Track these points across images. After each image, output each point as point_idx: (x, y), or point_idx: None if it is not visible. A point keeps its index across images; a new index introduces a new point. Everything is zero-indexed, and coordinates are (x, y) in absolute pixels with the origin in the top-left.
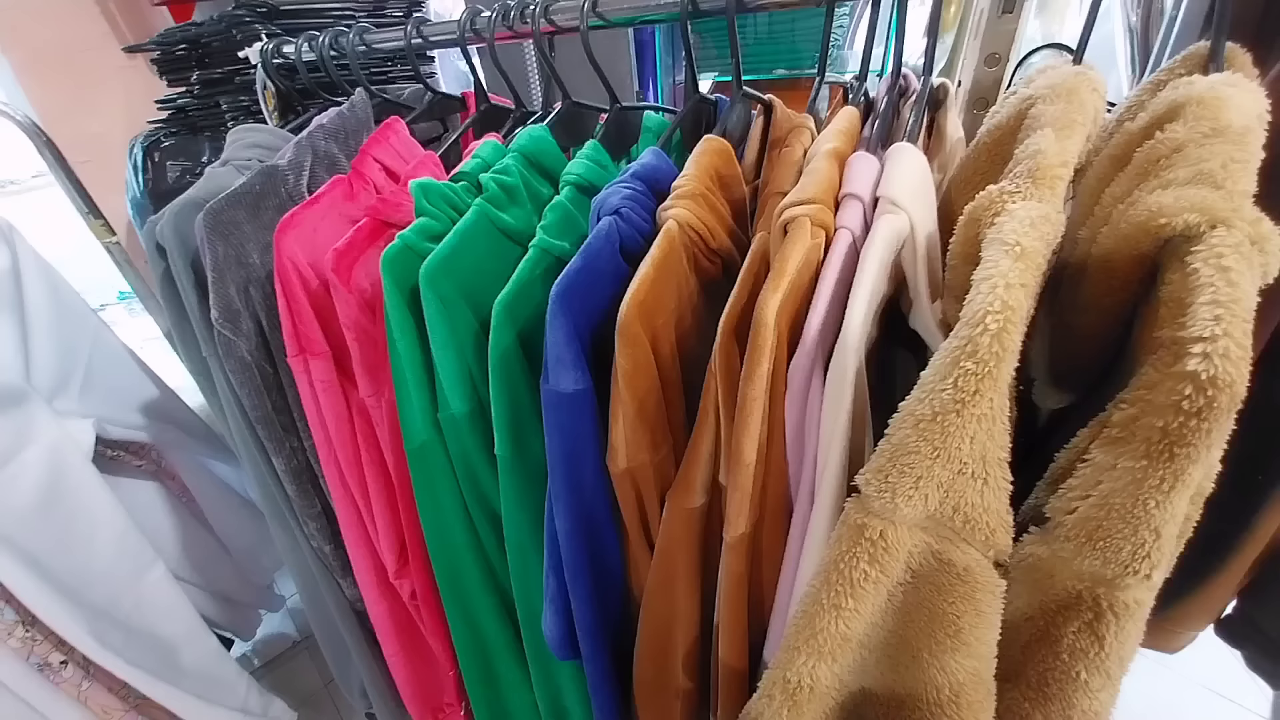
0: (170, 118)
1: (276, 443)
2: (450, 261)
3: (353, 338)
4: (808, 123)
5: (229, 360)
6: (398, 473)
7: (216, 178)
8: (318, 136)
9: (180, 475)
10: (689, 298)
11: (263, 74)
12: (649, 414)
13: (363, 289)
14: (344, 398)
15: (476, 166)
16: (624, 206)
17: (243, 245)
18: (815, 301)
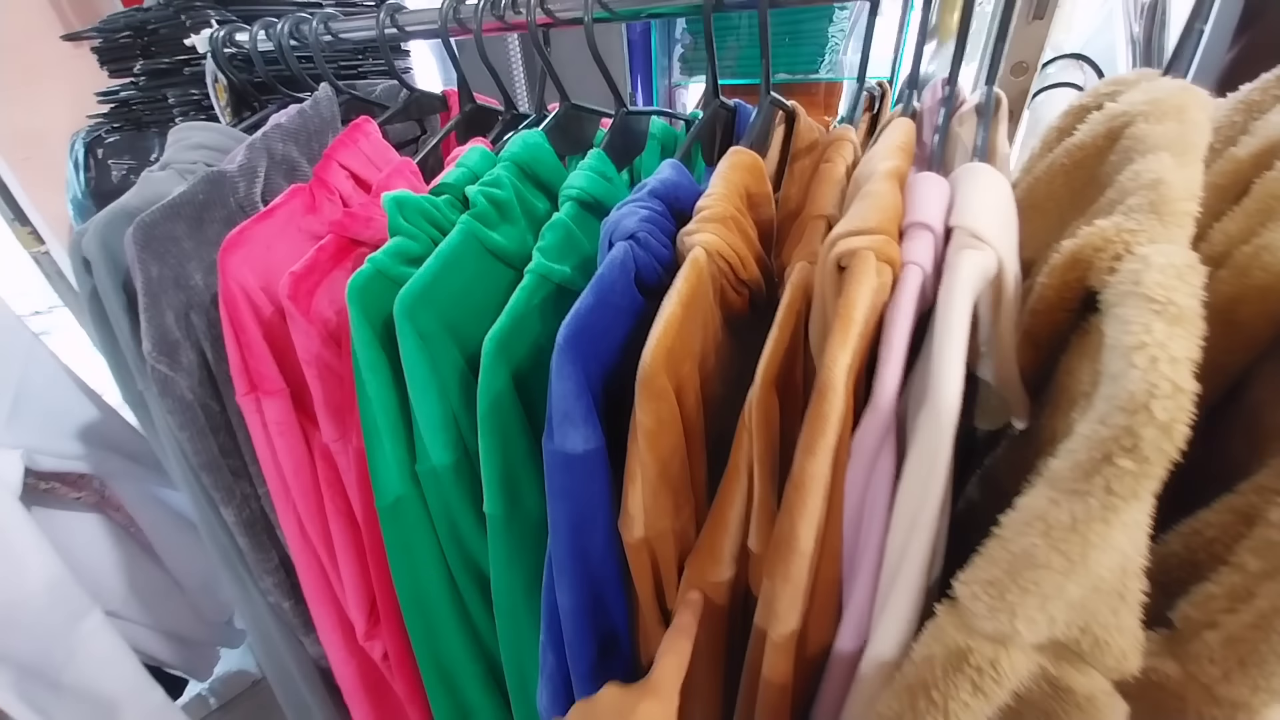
0: (113, 111)
1: (225, 491)
2: (431, 290)
3: (314, 374)
4: (848, 134)
5: (166, 399)
6: (367, 525)
7: (153, 184)
8: (274, 138)
9: (125, 506)
10: (713, 336)
11: (212, 65)
12: (672, 476)
13: (326, 319)
14: (304, 440)
15: (462, 177)
16: (641, 230)
17: (182, 264)
18: (886, 356)
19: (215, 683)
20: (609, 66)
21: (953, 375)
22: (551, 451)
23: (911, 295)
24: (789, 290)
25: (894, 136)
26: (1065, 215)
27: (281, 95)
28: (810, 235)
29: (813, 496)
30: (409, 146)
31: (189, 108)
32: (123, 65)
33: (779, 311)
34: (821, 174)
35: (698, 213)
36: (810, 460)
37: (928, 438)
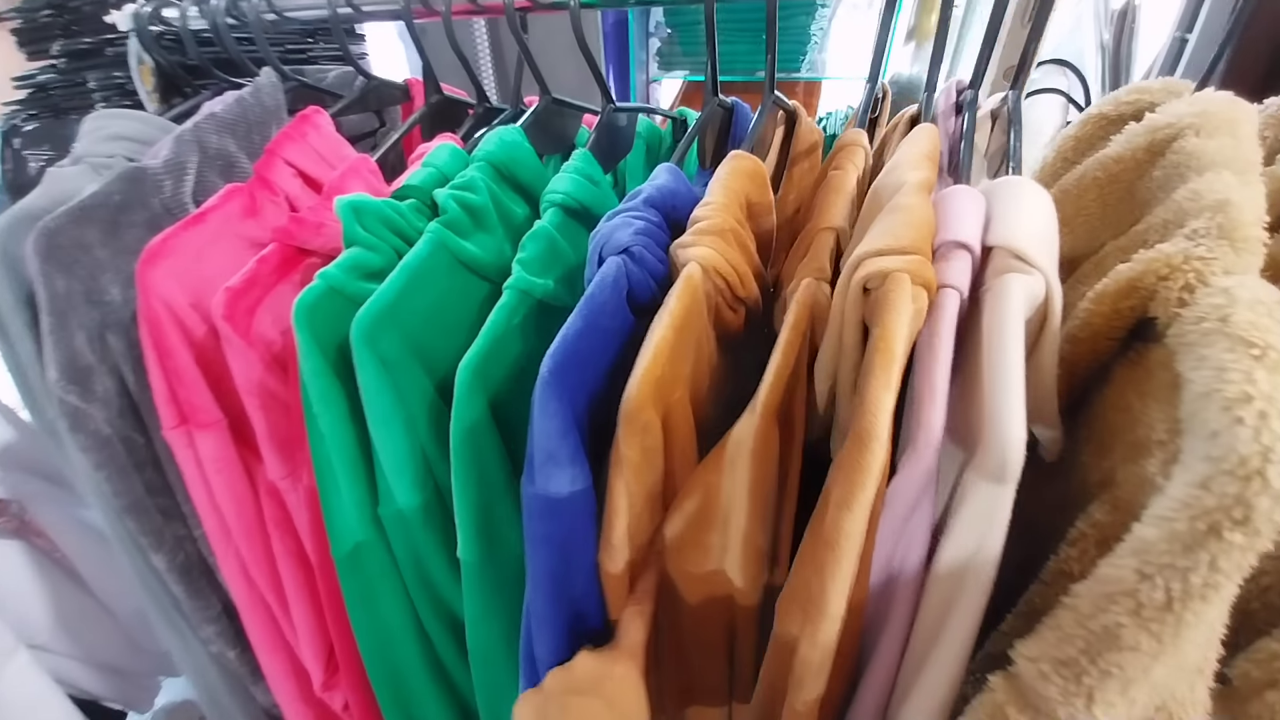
0: (30, 98)
1: (154, 535)
2: (396, 309)
3: (256, 405)
4: (860, 140)
5: (78, 435)
6: (322, 569)
7: (62, 181)
8: (208, 129)
9: (48, 532)
10: (707, 358)
11: (136, 45)
12: (658, 508)
13: (269, 341)
14: (245, 476)
15: (430, 179)
16: (636, 244)
17: (95, 277)
18: (927, 395)
19: (159, 714)
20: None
21: (1014, 424)
22: (533, 495)
23: (951, 325)
24: (794, 310)
25: (919, 144)
26: (1097, 232)
27: (217, 80)
28: (818, 249)
29: (848, 557)
30: (365, 141)
31: (112, 92)
32: (42, 46)
33: (783, 333)
34: (830, 182)
35: (694, 223)
36: (847, 517)
37: (985, 496)
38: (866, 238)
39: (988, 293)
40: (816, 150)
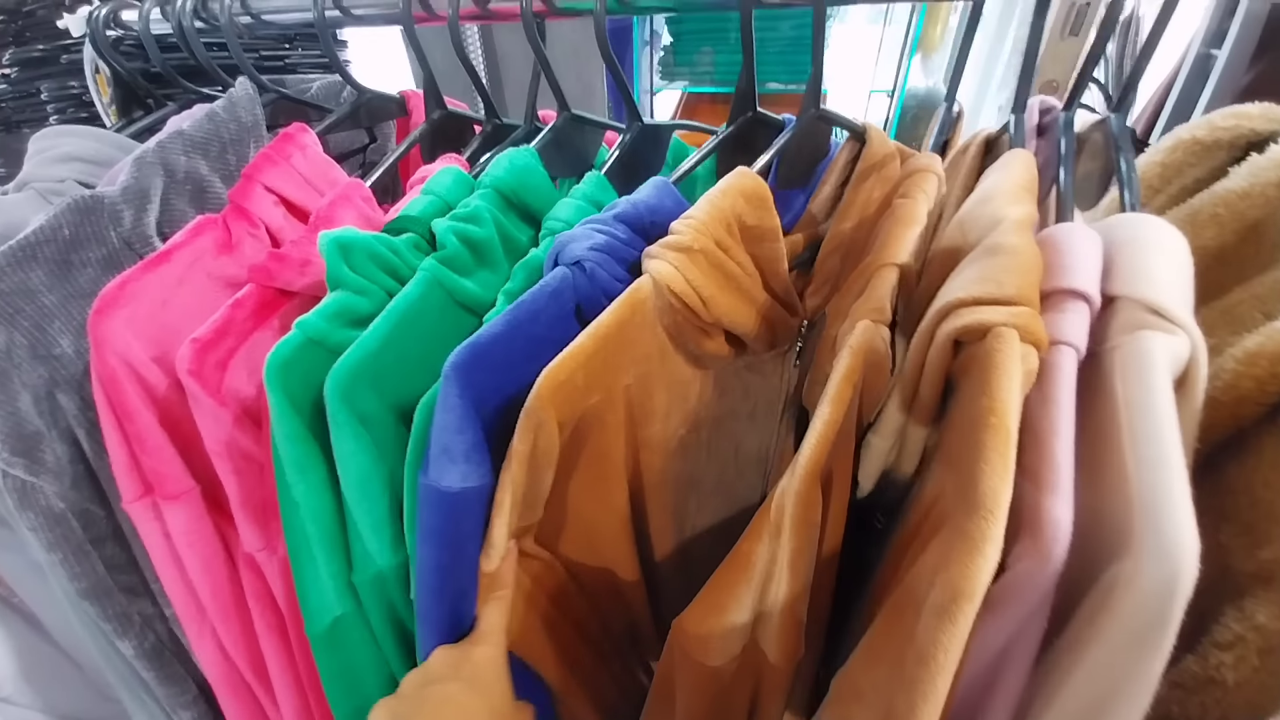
0: None
1: (119, 620)
2: (379, 361)
3: (229, 469)
4: (934, 166)
5: (25, 514)
6: (300, 641)
7: (3, 210)
8: (174, 149)
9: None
10: (669, 378)
11: (92, 51)
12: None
13: (244, 397)
14: (222, 548)
15: (431, 208)
16: (590, 258)
17: (42, 327)
18: (1047, 475)
19: None
20: (585, 69)
21: (1182, 526)
22: (424, 486)
23: (1071, 392)
24: (847, 357)
25: (1015, 173)
26: (1215, 274)
27: (182, 90)
28: (877, 287)
29: (944, 676)
30: (354, 159)
31: (67, 104)
32: None
33: (833, 382)
34: (896, 212)
35: (669, 235)
36: (949, 630)
37: (1142, 616)
38: (958, 282)
39: (1116, 352)
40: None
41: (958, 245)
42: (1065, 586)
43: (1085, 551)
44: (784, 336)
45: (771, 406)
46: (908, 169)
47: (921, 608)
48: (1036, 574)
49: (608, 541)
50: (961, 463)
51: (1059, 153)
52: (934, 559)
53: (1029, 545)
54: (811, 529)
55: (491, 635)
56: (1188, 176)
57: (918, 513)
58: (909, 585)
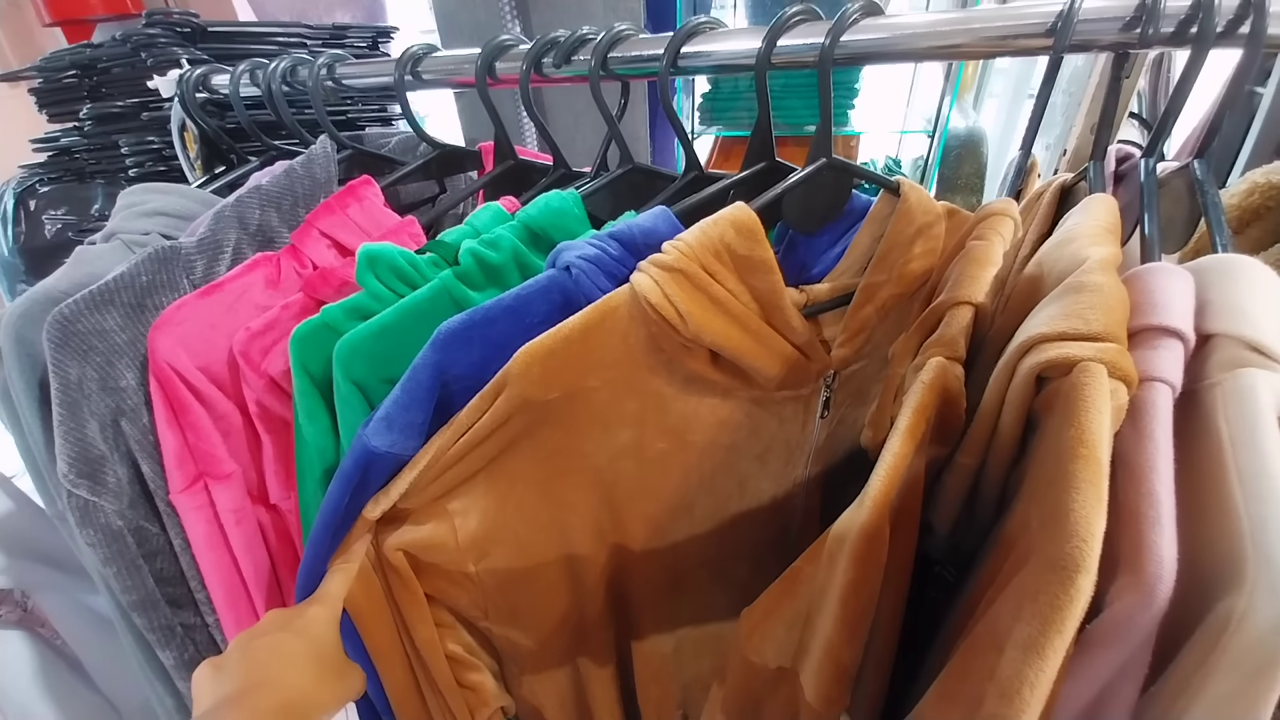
0: (51, 160)
1: (163, 632)
2: (376, 342)
3: (265, 429)
4: (1009, 210)
5: (86, 530)
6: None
7: (89, 261)
8: (250, 204)
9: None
10: (653, 394)
11: (180, 111)
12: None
13: (278, 373)
14: (260, 530)
15: (461, 236)
16: (578, 264)
17: (110, 363)
18: (1147, 510)
19: None
20: (629, 119)
21: None
22: (358, 436)
23: (1167, 427)
24: (921, 393)
25: (1097, 216)
26: None
27: (263, 145)
28: (951, 324)
29: (1029, 713)
30: (423, 208)
31: (146, 157)
32: (66, 109)
33: (905, 416)
34: (972, 253)
35: (659, 253)
36: (1036, 665)
37: (1262, 640)
38: (1040, 318)
39: (1217, 389)
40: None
41: (1036, 285)
42: (1163, 626)
43: (1186, 589)
44: (800, 379)
45: (790, 453)
46: (984, 212)
47: (1004, 644)
48: (1138, 611)
49: (546, 539)
50: (1048, 496)
51: (1140, 198)
52: (1019, 593)
53: (1129, 581)
54: (872, 568)
55: (329, 599)
56: (1270, 220)
57: (996, 555)
58: (988, 624)
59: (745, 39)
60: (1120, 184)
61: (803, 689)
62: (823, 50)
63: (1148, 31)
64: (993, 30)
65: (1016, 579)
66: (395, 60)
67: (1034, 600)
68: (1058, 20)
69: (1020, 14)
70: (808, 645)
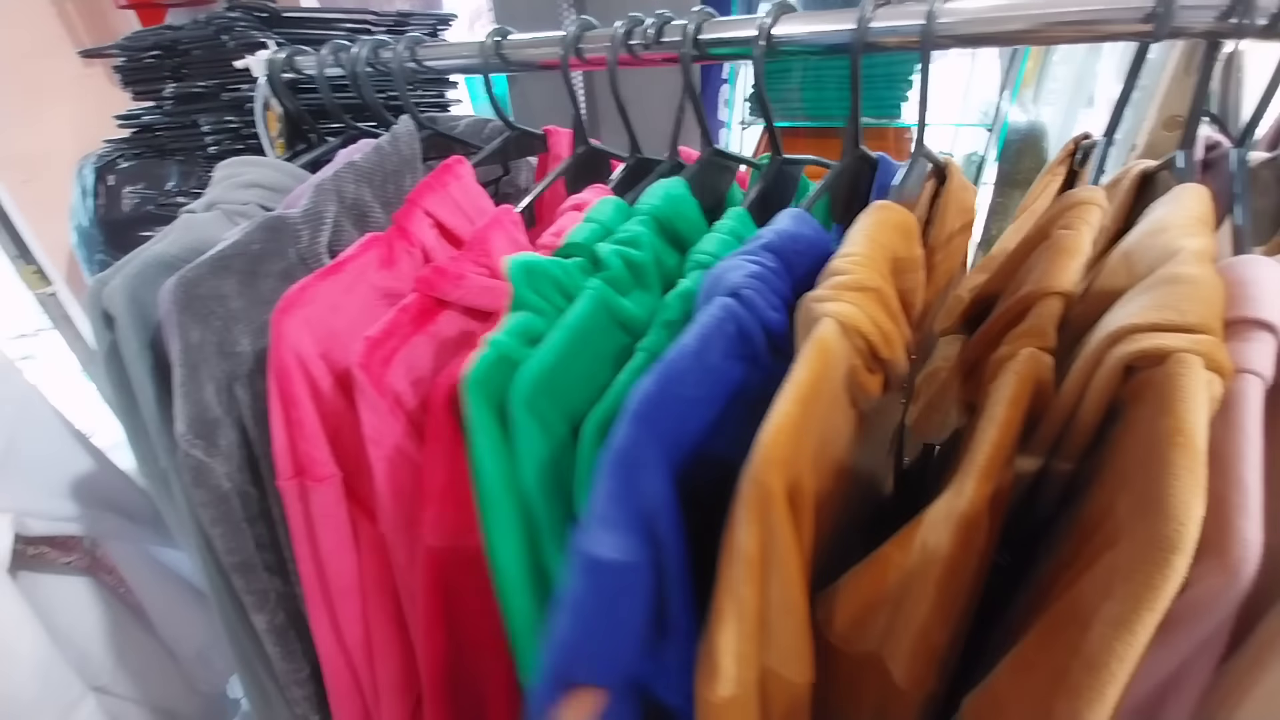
0: (134, 136)
1: (259, 595)
2: (554, 374)
3: (380, 456)
4: (1097, 198)
5: (199, 490)
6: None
7: (196, 228)
8: (346, 178)
9: (119, 569)
10: (835, 428)
11: (265, 90)
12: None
13: (399, 392)
14: (352, 535)
15: (594, 234)
16: (747, 286)
17: (228, 328)
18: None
19: None
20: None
21: None
22: (579, 550)
23: (1258, 418)
24: (1013, 383)
25: (1188, 206)
26: None
27: (344, 125)
28: (1041, 314)
29: (1115, 686)
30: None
31: (224, 135)
32: (148, 87)
33: (1001, 408)
34: (1059, 243)
35: (832, 275)
36: (1126, 640)
37: None
38: (1130, 308)
39: None
40: (970, 210)
41: (1121, 275)
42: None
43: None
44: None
45: (885, 441)
46: (1069, 201)
47: (1091, 621)
48: (1221, 593)
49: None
50: (1141, 482)
51: (1229, 188)
52: (1109, 572)
53: (1214, 564)
54: (971, 555)
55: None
56: None
57: (1071, 538)
58: (1072, 601)
59: (838, 19)
60: (1207, 172)
61: (890, 672)
62: (923, 31)
63: (1242, 21)
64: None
65: (1105, 559)
66: (477, 43)
67: (1127, 579)
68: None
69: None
70: (898, 630)
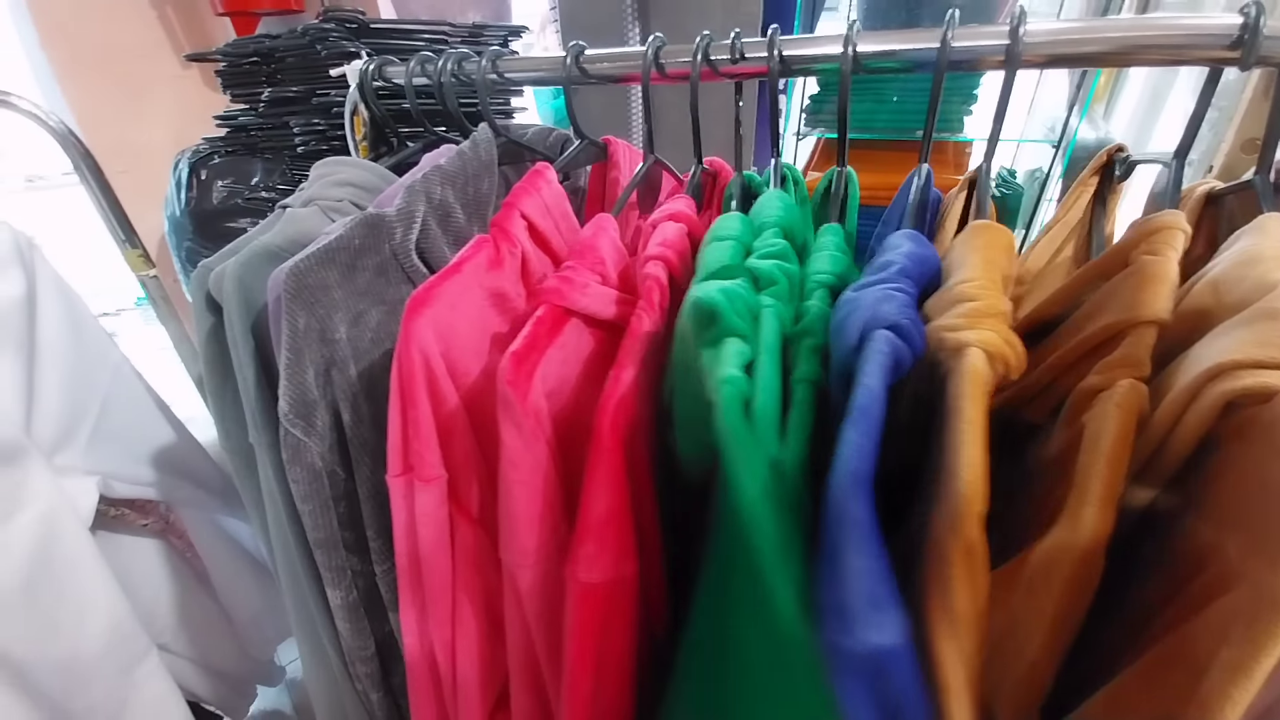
0: (229, 135)
1: (337, 571)
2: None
3: (518, 479)
4: (1178, 223)
5: (294, 468)
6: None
7: (297, 221)
8: (434, 180)
9: (189, 534)
10: None
11: (356, 96)
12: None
13: (539, 410)
14: (449, 535)
15: (738, 254)
16: (904, 318)
17: (329, 316)
18: None
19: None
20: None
21: None
22: (852, 651)
23: None
24: (1119, 416)
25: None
26: None
27: (425, 132)
28: (1136, 344)
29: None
30: None
31: (311, 137)
32: (245, 90)
33: (1106, 442)
34: (1145, 269)
35: (960, 301)
36: (1243, 685)
37: None
38: (1227, 343)
39: None
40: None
41: (1209, 306)
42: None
43: None
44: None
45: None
46: (1151, 225)
47: (1206, 665)
48: None
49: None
50: (1260, 526)
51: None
52: (1225, 617)
53: None
54: (1086, 594)
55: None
56: None
57: (1171, 572)
58: (1180, 641)
59: (920, 38)
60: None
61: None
62: (1008, 51)
63: None
64: (1175, 39)
65: (1222, 604)
66: (557, 57)
67: (1248, 626)
68: (1243, 33)
69: (1204, 24)
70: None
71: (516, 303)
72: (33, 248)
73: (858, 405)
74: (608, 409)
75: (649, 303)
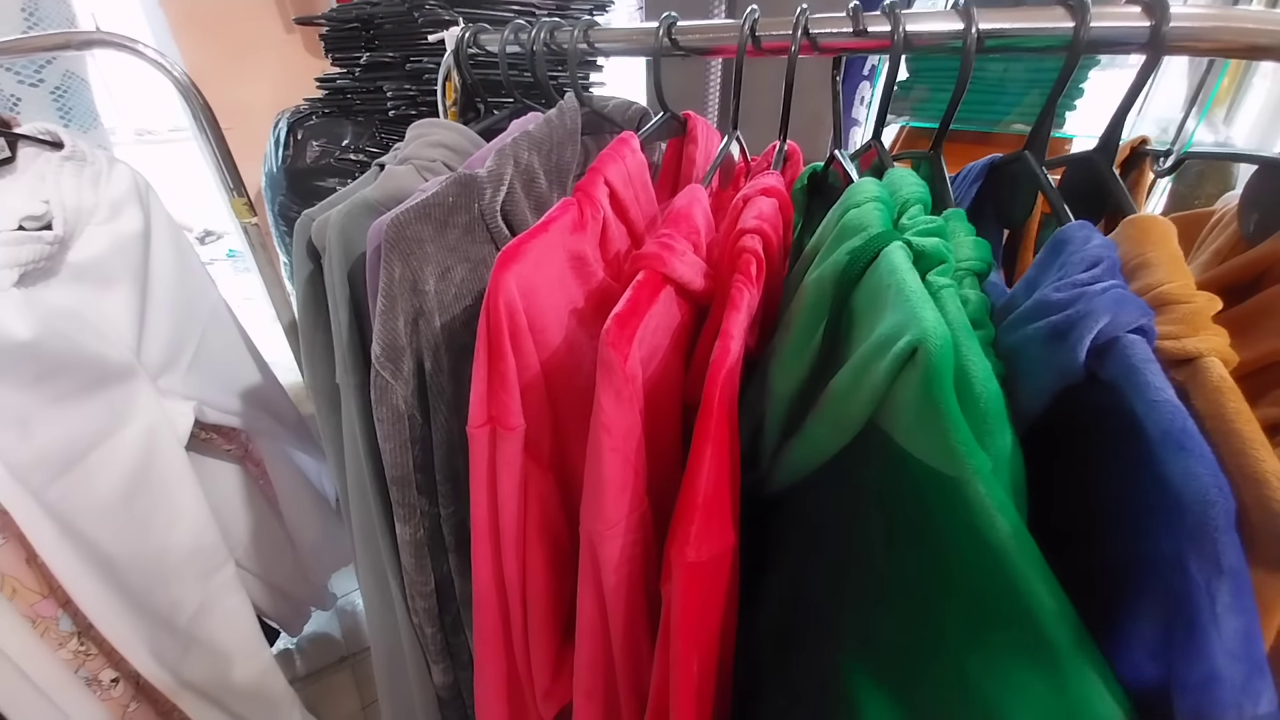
0: (328, 97)
1: (408, 508)
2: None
3: (611, 446)
4: None
5: (380, 407)
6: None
7: (395, 178)
8: (522, 145)
9: (265, 463)
10: None
11: (451, 62)
12: None
13: (635, 376)
14: (522, 482)
15: (888, 218)
16: (1147, 320)
17: (422, 268)
18: None
19: (303, 643)
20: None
21: None
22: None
23: None
24: None
25: None
26: None
27: (514, 100)
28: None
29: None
30: None
31: (403, 101)
32: (346, 54)
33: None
34: None
35: (1169, 303)
36: None
37: None
38: None
39: None
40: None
41: None
42: None
43: None
44: None
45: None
46: None
47: None
48: None
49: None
50: None
51: None
52: None
53: None
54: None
55: None
56: None
57: None
58: None
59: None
60: None
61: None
62: (1153, 33)
63: None
64: None
65: None
66: (649, 27)
67: None
68: None
69: None
70: None
71: (594, 267)
72: (150, 189)
73: (1178, 428)
74: (717, 379)
75: (746, 276)
